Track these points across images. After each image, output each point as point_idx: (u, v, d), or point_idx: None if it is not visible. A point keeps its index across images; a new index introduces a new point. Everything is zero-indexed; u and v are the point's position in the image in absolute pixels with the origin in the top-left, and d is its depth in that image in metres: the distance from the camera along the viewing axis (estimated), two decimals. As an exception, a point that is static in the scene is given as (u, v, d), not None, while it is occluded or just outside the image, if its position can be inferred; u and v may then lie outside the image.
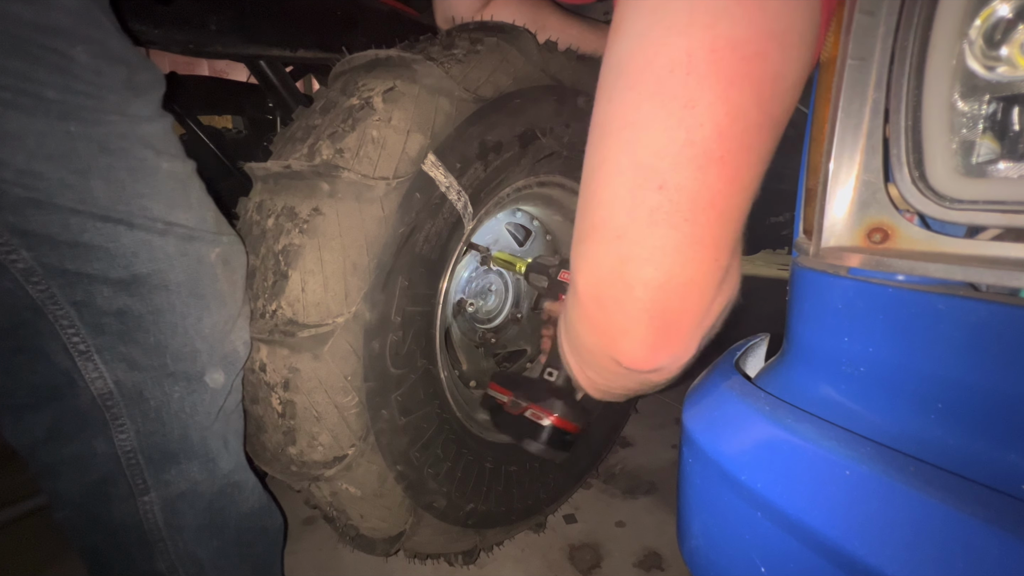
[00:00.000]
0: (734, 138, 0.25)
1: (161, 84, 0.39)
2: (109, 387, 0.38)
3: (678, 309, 0.29)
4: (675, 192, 0.26)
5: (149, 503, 0.41)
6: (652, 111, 0.26)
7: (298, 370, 0.44)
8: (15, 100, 0.31)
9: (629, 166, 0.27)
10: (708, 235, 0.27)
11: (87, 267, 0.35)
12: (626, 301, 0.29)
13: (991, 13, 0.23)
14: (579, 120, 0.60)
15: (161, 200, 0.37)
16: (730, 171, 0.26)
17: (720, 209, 0.27)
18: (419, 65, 0.46)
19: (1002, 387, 0.23)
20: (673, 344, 0.30)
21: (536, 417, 0.52)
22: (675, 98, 0.25)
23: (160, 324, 0.38)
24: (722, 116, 0.25)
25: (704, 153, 0.25)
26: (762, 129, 0.26)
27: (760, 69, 0.25)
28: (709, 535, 0.31)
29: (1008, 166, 0.24)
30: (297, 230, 0.43)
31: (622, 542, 0.73)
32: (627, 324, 0.29)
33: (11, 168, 0.31)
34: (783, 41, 0.25)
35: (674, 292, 0.28)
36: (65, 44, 0.32)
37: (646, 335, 0.29)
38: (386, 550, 0.55)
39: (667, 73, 0.25)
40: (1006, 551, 0.20)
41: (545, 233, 0.77)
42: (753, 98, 0.25)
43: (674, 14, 0.25)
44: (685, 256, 0.27)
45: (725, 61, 0.24)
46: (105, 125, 0.34)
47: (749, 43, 0.24)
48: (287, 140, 0.48)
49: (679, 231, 0.26)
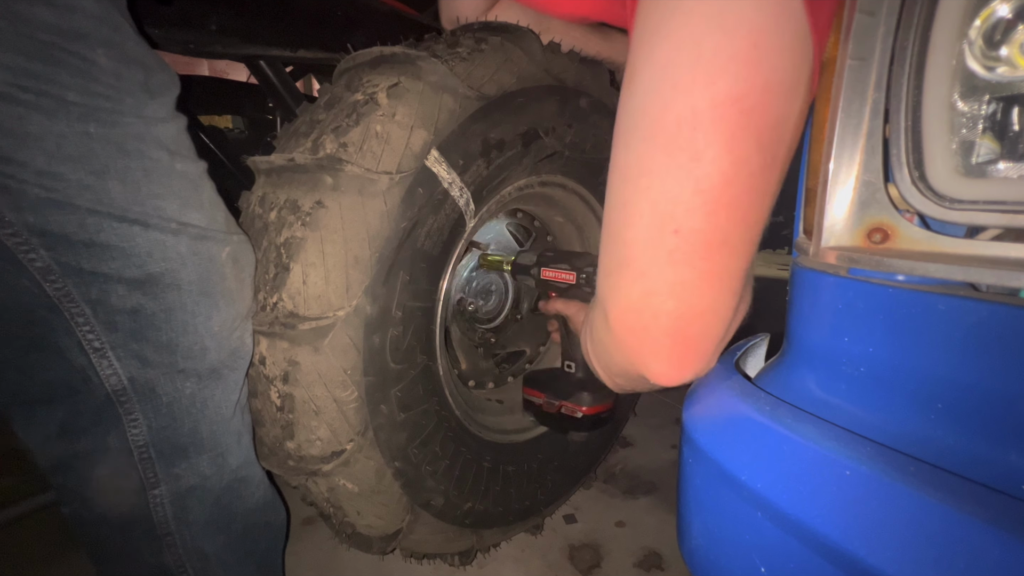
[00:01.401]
0: (739, 184, 0.28)
1: (176, 85, 0.39)
2: (123, 383, 0.38)
3: (700, 334, 0.32)
4: (689, 235, 0.29)
5: (159, 496, 0.41)
6: (664, 162, 0.29)
7: (297, 363, 0.44)
8: (37, 102, 0.31)
9: (648, 211, 0.30)
10: (723, 270, 0.30)
11: (103, 266, 0.35)
12: (653, 329, 0.32)
13: (991, 13, 0.23)
14: (581, 121, 0.60)
15: (175, 200, 0.38)
16: (739, 213, 0.29)
17: (732, 246, 0.30)
18: (424, 62, 0.46)
19: (1002, 387, 0.23)
20: (696, 362, 0.33)
21: (571, 412, 0.58)
22: (683, 151, 0.28)
23: (172, 322, 0.39)
24: (727, 166, 0.27)
25: (713, 200, 0.28)
26: (765, 171, 0.28)
27: (760, 119, 0.27)
28: (709, 535, 0.31)
29: (1008, 166, 0.24)
30: (299, 223, 0.44)
31: (622, 542, 0.72)
32: (654, 348, 0.33)
33: (31, 169, 0.32)
34: (779, 90, 0.27)
35: (695, 320, 0.31)
36: (86, 48, 0.33)
37: (670, 356, 0.33)
38: (382, 548, 0.54)
39: (675, 128, 0.28)
40: (1006, 551, 0.19)
41: (546, 234, 0.77)
42: (755, 146, 0.28)
43: (679, 72, 0.27)
44: (703, 289, 0.30)
45: (727, 115, 0.27)
46: (123, 127, 0.35)
47: (748, 97, 0.27)
48: (291, 135, 0.48)
49: (696, 268, 0.30)
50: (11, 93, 0.30)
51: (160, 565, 0.43)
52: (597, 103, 0.62)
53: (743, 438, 0.29)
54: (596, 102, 0.62)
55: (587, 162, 0.64)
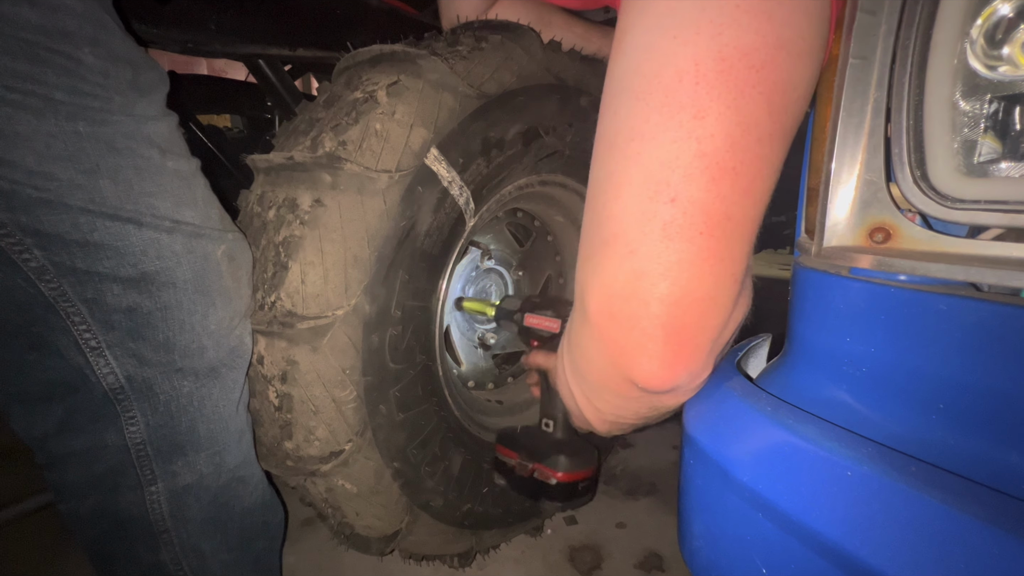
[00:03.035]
0: (747, 149, 0.25)
1: (165, 83, 0.39)
2: (120, 382, 0.38)
3: (696, 325, 0.28)
4: (688, 204, 0.25)
5: (156, 493, 0.41)
6: (661, 122, 0.25)
7: (296, 363, 0.44)
8: (24, 102, 0.31)
9: (639, 179, 0.26)
10: (725, 248, 0.26)
11: (97, 265, 0.35)
12: (642, 317, 0.27)
13: (992, 12, 0.23)
14: (582, 120, 0.60)
15: (168, 198, 0.38)
16: (744, 182, 0.25)
17: (736, 221, 0.26)
18: (424, 60, 0.46)
19: (1003, 387, 0.23)
20: (691, 361, 0.29)
21: (544, 477, 0.51)
22: (684, 108, 0.24)
23: (168, 321, 0.39)
24: (733, 126, 0.24)
25: (716, 164, 0.25)
26: (773, 139, 0.25)
27: (770, 78, 0.24)
28: (710, 536, 0.31)
29: (1010, 165, 0.24)
30: (298, 221, 0.43)
31: (623, 543, 0.72)
32: (643, 341, 0.28)
33: (22, 169, 0.32)
34: (792, 49, 0.24)
35: (692, 307, 0.27)
36: (72, 47, 0.33)
37: (663, 352, 0.28)
38: (381, 549, 0.54)
39: (675, 83, 0.24)
40: (1006, 551, 0.19)
41: (546, 234, 0.77)
42: (764, 107, 0.24)
43: (680, 23, 0.24)
44: (702, 270, 0.26)
45: (734, 70, 0.24)
46: (112, 125, 0.35)
47: (758, 51, 0.24)
48: (290, 133, 0.48)
49: (694, 244, 0.26)
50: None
51: (157, 563, 0.43)
52: (598, 102, 0.61)
53: (744, 439, 0.29)
54: (597, 101, 0.61)
55: (588, 161, 0.64)
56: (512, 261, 0.75)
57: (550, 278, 0.79)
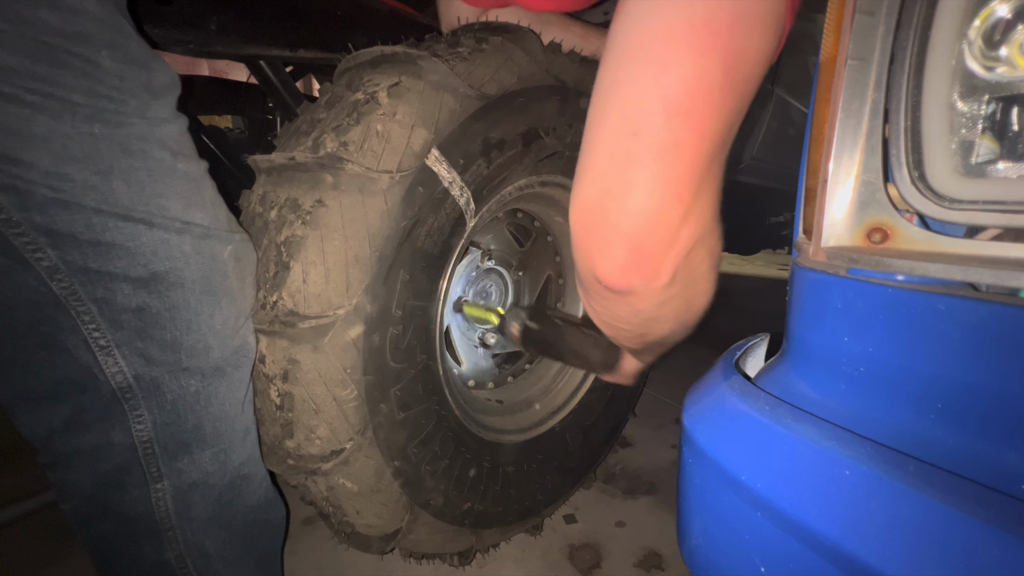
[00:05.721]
0: (700, 95, 0.31)
1: (177, 86, 0.40)
2: (128, 381, 0.38)
3: (645, 235, 0.34)
4: (646, 137, 0.31)
5: (162, 491, 0.41)
6: (634, 71, 0.32)
7: (297, 362, 0.44)
8: (43, 104, 0.32)
9: (614, 117, 0.33)
10: (671, 174, 0.32)
11: (109, 265, 0.36)
12: (604, 227, 0.34)
13: (990, 13, 0.23)
14: (582, 121, 0.60)
15: (178, 200, 0.38)
16: (694, 122, 0.31)
17: (683, 152, 0.32)
18: (424, 61, 0.46)
19: (1002, 387, 0.23)
20: (642, 265, 0.35)
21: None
22: (653, 61, 0.31)
23: (176, 320, 0.39)
24: (691, 77, 0.30)
25: (673, 106, 0.31)
26: (724, 91, 0.31)
27: (726, 43, 0.30)
28: (709, 535, 0.31)
29: (1007, 166, 0.24)
30: (300, 221, 0.44)
31: (622, 542, 0.72)
32: (604, 246, 0.35)
33: (38, 170, 0.32)
34: (748, 23, 0.31)
35: (642, 220, 0.34)
36: (90, 50, 0.33)
37: (619, 255, 0.35)
38: (381, 548, 0.54)
39: (649, 41, 0.31)
40: (1006, 551, 0.19)
41: (546, 234, 0.77)
42: (719, 65, 0.31)
43: None
44: (651, 190, 0.33)
45: (698, 34, 0.30)
46: (127, 127, 0.35)
47: (719, 21, 0.30)
48: (292, 134, 0.48)
49: (647, 169, 0.32)
50: (17, 95, 0.31)
51: (161, 561, 0.43)
52: (597, 103, 0.62)
53: (743, 438, 0.29)
54: (596, 102, 0.62)
55: (587, 162, 0.64)
56: (512, 261, 0.75)
57: (550, 278, 0.79)
